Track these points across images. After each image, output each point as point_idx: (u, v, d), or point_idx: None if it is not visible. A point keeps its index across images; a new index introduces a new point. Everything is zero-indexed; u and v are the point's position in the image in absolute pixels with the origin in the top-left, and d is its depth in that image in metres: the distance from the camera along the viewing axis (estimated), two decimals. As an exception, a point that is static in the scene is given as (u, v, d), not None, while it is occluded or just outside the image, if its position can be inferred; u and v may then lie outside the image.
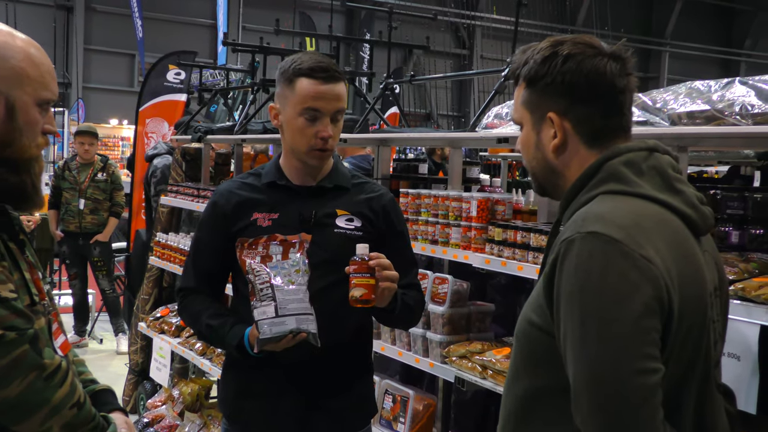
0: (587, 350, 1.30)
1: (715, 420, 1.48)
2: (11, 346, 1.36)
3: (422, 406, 3.14)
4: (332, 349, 2.15)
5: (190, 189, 4.78)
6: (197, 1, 16.57)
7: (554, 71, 1.47)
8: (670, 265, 1.34)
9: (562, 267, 1.36)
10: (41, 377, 1.40)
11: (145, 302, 5.28)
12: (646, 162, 1.46)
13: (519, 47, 1.63)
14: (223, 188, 2.34)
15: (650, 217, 1.39)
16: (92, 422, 1.49)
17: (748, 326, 2.00)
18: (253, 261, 2.13)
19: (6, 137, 1.48)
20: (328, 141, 2.18)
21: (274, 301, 2.05)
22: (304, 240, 2.17)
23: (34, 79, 1.50)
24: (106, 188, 7.15)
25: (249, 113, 4.81)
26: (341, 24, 17.75)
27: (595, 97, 1.47)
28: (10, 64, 1.47)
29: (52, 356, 1.44)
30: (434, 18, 5.96)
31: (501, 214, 2.85)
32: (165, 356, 4.81)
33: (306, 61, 2.18)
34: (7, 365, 1.35)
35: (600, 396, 1.29)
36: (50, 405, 1.41)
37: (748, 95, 2.23)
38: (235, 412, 2.31)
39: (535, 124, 1.54)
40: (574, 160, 1.51)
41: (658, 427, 1.28)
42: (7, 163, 1.49)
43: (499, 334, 3.09)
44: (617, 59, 1.48)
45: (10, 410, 1.38)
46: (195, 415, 4.57)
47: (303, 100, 2.16)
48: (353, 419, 2.31)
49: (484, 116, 3.26)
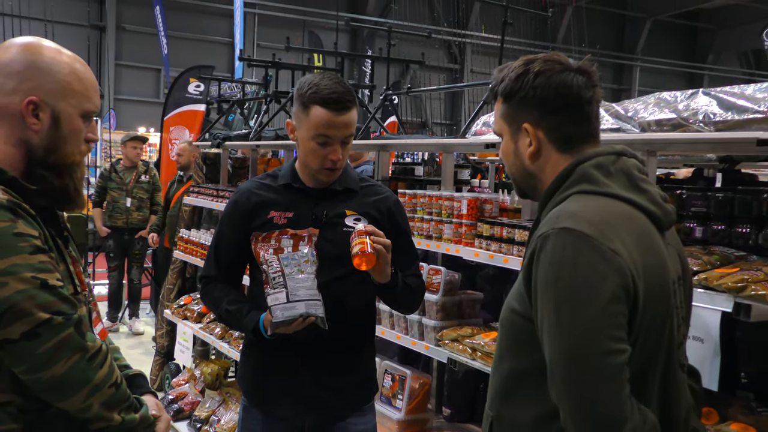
0: (561, 333, 1.31)
1: (678, 395, 1.48)
2: (58, 329, 1.36)
3: (418, 385, 3.14)
4: (339, 335, 2.16)
5: (210, 190, 4.78)
6: (216, 21, 16.55)
7: (527, 86, 1.48)
8: (635, 257, 1.35)
9: (539, 259, 1.37)
10: (84, 358, 1.40)
11: (169, 291, 5.29)
12: (614, 165, 1.46)
13: (496, 67, 1.64)
14: (243, 188, 2.34)
15: (618, 214, 1.40)
16: (127, 402, 1.49)
17: (711, 312, 2.00)
18: (266, 253, 2.14)
19: (51, 144, 1.48)
20: (336, 163, 2.17)
21: (286, 288, 2.05)
22: (312, 234, 2.17)
23: (78, 92, 1.51)
24: (148, 189, 7.27)
25: (263, 122, 4.82)
26: (346, 41, 17.72)
27: (564, 108, 1.48)
28: (57, 78, 1.48)
29: (93, 339, 1.44)
30: (429, 36, 5.96)
31: (489, 212, 2.86)
32: (188, 340, 4.82)
33: (322, 89, 2.12)
34: (54, 346, 1.35)
35: (573, 373, 1.29)
36: (92, 384, 1.41)
37: (711, 105, 2.23)
38: (253, 389, 2.32)
39: (512, 135, 1.55)
40: (548, 165, 1.51)
41: (625, 401, 1.29)
42: (53, 168, 1.49)
43: (488, 319, 3.09)
44: (583, 73, 1.48)
45: (55, 388, 1.38)
46: (215, 392, 4.57)
47: (316, 127, 2.13)
48: (358, 397, 2.31)
49: (474, 124, 3.25)
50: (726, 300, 1.93)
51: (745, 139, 2.05)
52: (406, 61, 4.85)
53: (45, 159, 1.48)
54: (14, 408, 1.39)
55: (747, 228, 2.44)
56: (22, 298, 1.33)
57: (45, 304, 1.35)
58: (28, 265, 1.35)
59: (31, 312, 1.33)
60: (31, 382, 1.37)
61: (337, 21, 9.56)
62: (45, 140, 1.47)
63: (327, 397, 2.23)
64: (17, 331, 1.33)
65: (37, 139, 1.47)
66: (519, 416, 1.46)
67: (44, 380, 1.37)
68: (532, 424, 1.43)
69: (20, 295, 1.33)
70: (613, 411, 1.27)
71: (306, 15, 16.79)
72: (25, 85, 1.45)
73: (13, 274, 1.33)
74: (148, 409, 1.55)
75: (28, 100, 1.45)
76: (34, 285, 1.34)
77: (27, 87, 1.45)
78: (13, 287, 1.32)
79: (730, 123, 2.16)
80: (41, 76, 1.46)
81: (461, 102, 18.79)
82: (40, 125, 1.47)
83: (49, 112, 1.47)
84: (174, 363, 5.21)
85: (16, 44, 1.49)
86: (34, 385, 1.38)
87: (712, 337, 2.04)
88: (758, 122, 2.09)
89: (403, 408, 3.11)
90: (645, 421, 1.31)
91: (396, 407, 3.14)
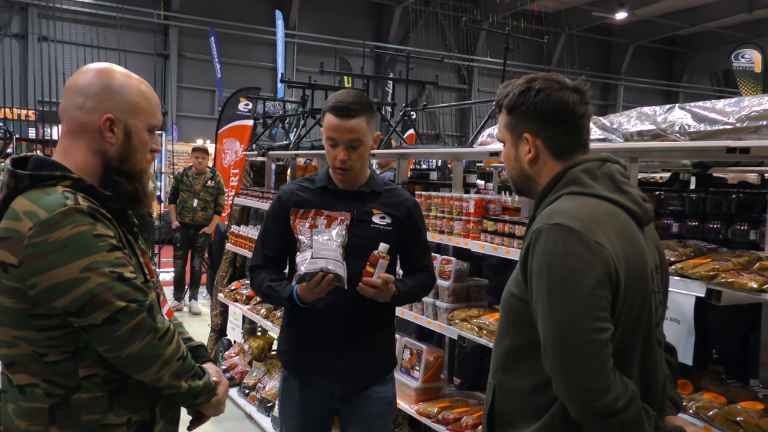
0: (553, 314, 1.30)
1: (656, 369, 1.47)
2: (133, 315, 1.37)
3: (433, 358, 3.14)
4: (364, 315, 2.16)
5: (256, 192, 4.81)
6: (262, 49, 16.63)
7: (529, 101, 1.47)
8: (618, 249, 1.34)
9: (533, 251, 1.36)
10: (155, 338, 1.41)
11: (222, 278, 5.32)
12: (600, 169, 1.45)
13: (500, 85, 1.63)
14: (285, 188, 2.35)
15: (602, 211, 1.38)
16: (192, 371, 1.50)
17: (685, 297, 1.98)
18: (302, 226, 2.14)
19: (124, 155, 1.49)
20: (344, 163, 2.17)
21: (311, 248, 2.04)
22: (345, 217, 2.16)
23: (146, 110, 1.52)
24: (213, 192, 7.31)
25: (301, 134, 4.83)
26: (371, 66, 17.71)
27: (560, 121, 1.46)
28: (128, 98, 1.49)
29: (162, 321, 1.44)
30: (441, 60, 5.95)
31: (493, 210, 2.84)
32: (238, 319, 4.85)
33: (334, 98, 2.17)
34: (130, 329, 1.37)
35: (563, 348, 1.29)
36: (162, 359, 1.42)
37: (686, 117, 2.20)
38: (291, 362, 2.33)
39: (514, 142, 1.53)
40: (544, 169, 1.50)
41: (609, 372, 1.28)
42: (125, 174, 1.50)
43: (492, 302, 3.08)
44: (578, 91, 1.47)
45: (132, 363, 1.40)
46: (260, 363, 4.60)
47: (326, 130, 2.18)
48: (379, 369, 2.31)
49: (480, 136, 3.24)
50: (699, 286, 1.91)
51: (716, 147, 2.03)
52: (422, 82, 4.84)
53: (119, 167, 1.49)
54: (100, 379, 1.41)
55: (718, 224, 2.41)
56: (102, 289, 1.34)
57: (122, 294, 1.36)
58: (107, 261, 1.36)
59: (111, 301, 1.35)
60: (112, 359, 1.39)
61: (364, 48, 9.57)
62: (119, 151, 1.48)
63: (353, 369, 2.23)
64: (99, 318, 1.34)
65: (112, 150, 1.48)
66: (518, 385, 1.45)
67: (123, 357, 1.38)
68: (529, 392, 1.43)
69: (101, 287, 1.34)
70: (597, 380, 1.26)
71: (337, 43, 16.82)
72: (102, 104, 1.46)
73: (95, 270, 1.34)
74: (210, 376, 1.55)
75: (105, 117, 1.46)
76: (112, 278, 1.36)
77: (104, 106, 1.46)
78: (95, 281, 1.34)
79: (703, 133, 2.13)
80: (115, 97, 1.47)
81: (470, 117, 18.70)
82: (115, 138, 1.48)
83: (122, 127, 1.48)
84: (226, 338, 5.25)
85: (92, 69, 1.50)
86: (115, 361, 1.39)
87: (687, 319, 2.02)
88: (727, 132, 2.07)
89: (420, 377, 3.10)
90: (626, 389, 1.30)
91: (414, 377, 3.13)
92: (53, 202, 1.35)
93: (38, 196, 1.37)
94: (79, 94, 1.46)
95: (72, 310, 1.34)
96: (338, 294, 2.10)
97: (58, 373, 1.38)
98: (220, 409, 1.59)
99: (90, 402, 1.40)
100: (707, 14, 18.25)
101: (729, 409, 1.87)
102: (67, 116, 1.48)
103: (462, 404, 3.01)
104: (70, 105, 1.47)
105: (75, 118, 1.46)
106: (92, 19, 13.48)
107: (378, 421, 2.29)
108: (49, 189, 1.39)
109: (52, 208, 1.34)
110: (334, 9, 17.41)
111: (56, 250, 1.32)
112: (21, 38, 14.18)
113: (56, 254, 1.32)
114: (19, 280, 1.34)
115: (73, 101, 1.47)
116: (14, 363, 1.40)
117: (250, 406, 4.34)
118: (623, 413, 1.27)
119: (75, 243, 1.33)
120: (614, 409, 1.27)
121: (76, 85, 1.47)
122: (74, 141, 1.47)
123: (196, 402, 1.53)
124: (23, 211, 1.35)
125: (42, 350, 1.38)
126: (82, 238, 1.34)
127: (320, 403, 2.29)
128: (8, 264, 1.34)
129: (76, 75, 1.50)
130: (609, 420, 1.27)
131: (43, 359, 1.38)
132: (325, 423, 2.32)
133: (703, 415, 1.88)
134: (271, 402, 4.13)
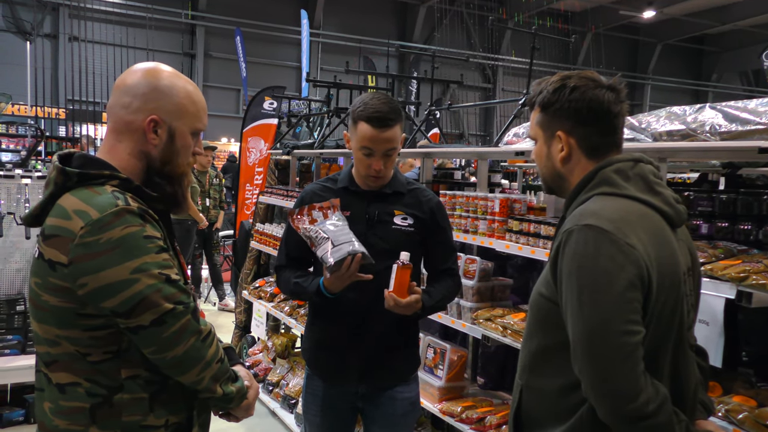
0: (583, 315, 1.28)
1: (687, 372, 1.44)
2: (180, 316, 1.36)
3: (456, 357, 3.13)
4: (388, 316, 2.14)
5: (281, 190, 4.83)
6: (287, 48, 16.72)
7: (563, 99, 1.45)
8: (649, 251, 1.31)
9: (564, 251, 1.34)
10: (199, 339, 1.40)
11: (247, 275, 5.36)
12: (632, 170, 1.42)
13: (533, 82, 1.61)
14: (308, 189, 2.34)
15: (634, 213, 1.36)
16: (227, 374, 1.49)
17: (715, 299, 1.95)
18: (303, 225, 2.11)
19: (166, 157, 1.47)
20: (379, 172, 2.16)
21: (329, 239, 2.02)
22: (335, 204, 2.14)
23: (191, 113, 1.49)
24: (219, 189, 7.47)
25: (325, 133, 4.84)
26: (395, 65, 17.71)
27: (595, 120, 1.44)
28: (175, 100, 1.46)
29: (205, 323, 1.43)
30: (466, 60, 5.92)
31: (518, 210, 2.82)
32: (262, 316, 4.88)
33: (369, 107, 2.09)
34: (176, 331, 1.36)
35: (593, 350, 1.27)
36: (204, 361, 1.41)
37: (717, 117, 2.17)
38: (314, 359, 2.33)
39: (546, 140, 1.51)
40: (576, 168, 1.48)
41: (639, 375, 1.26)
42: (167, 176, 1.49)
43: (516, 302, 3.06)
44: (613, 90, 1.44)
45: (176, 365, 1.39)
46: (284, 360, 4.63)
47: (361, 141, 2.12)
48: (403, 369, 2.31)
49: (505, 135, 3.22)
50: (729, 288, 1.88)
51: (749, 147, 1.99)
52: (446, 81, 4.82)
53: (161, 169, 1.47)
54: (142, 380, 1.40)
55: (748, 225, 2.37)
56: (151, 291, 1.33)
57: (169, 296, 1.35)
58: (156, 263, 1.35)
59: (159, 303, 1.34)
60: (157, 360, 1.38)
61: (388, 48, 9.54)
62: (162, 153, 1.46)
63: (376, 369, 2.23)
64: (148, 319, 1.33)
65: (155, 152, 1.46)
66: (545, 386, 1.44)
67: (168, 359, 1.37)
68: (557, 393, 1.41)
69: (150, 289, 1.33)
70: (628, 383, 1.24)
71: (362, 43, 16.84)
72: (149, 105, 1.44)
73: (144, 271, 1.33)
74: (242, 381, 1.54)
75: (150, 118, 1.44)
76: (160, 280, 1.35)
77: (149, 107, 1.44)
78: (145, 282, 1.33)
79: (735, 133, 2.09)
80: (161, 98, 1.45)
81: (494, 116, 18.60)
82: (159, 140, 1.45)
83: (167, 129, 1.46)
84: (250, 335, 5.29)
85: (140, 69, 1.48)
86: (160, 362, 1.38)
87: (717, 321, 1.99)
88: (759, 132, 2.03)
89: (444, 377, 3.09)
90: (657, 393, 1.28)
91: (437, 376, 3.13)
92: (104, 202, 1.33)
93: (89, 195, 1.35)
94: (127, 93, 1.45)
95: (121, 311, 1.33)
96: (361, 292, 2.10)
97: (101, 373, 1.37)
98: (250, 412, 1.58)
99: (132, 403, 1.39)
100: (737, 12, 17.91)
101: (759, 413, 1.84)
102: (114, 114, 1.46)
103: (485, 404, 3.00)
104: (117, 103, 1.45)
105: (121, 116, 1.45)
106: (121, 19, 13.66)
107: (402, 421, 2.28)
108: (99, 188, 1.37)
109: (103, 208, 1.32)
110: (358, 8, 17.44)
111: (108, 251, 1.30)
112: (52, 38, 14.42)
113: (107, 255, 1.31)
114: (68, 279, 1.33)
115: (120, 100, 1.45)
116: (55, 361, 1.39)
117: (274, 403, 4.37)
118: (654, 417, 1.25)
119: (126, 244, 1.32)
120: (645, 413, 1.25)
121: (124, 83, 1.46)
122: (119, 140, 1.46)
123: (228, 406, 1.52)
124: (73, 209, 1.33)
125: (85, 350, 1.37)
126: (132, 239, 1.33)
127: (344, 402, 2.29)
128: (57, 262, 1.33)
129: (125, 74, 1.48)
130: (639, 424, 1.25)
131: (87, 359, 1.37)
132: (348, 422, 2.32)
133: (733, 418, 1.85)
134: (295, 399, 4.15)
